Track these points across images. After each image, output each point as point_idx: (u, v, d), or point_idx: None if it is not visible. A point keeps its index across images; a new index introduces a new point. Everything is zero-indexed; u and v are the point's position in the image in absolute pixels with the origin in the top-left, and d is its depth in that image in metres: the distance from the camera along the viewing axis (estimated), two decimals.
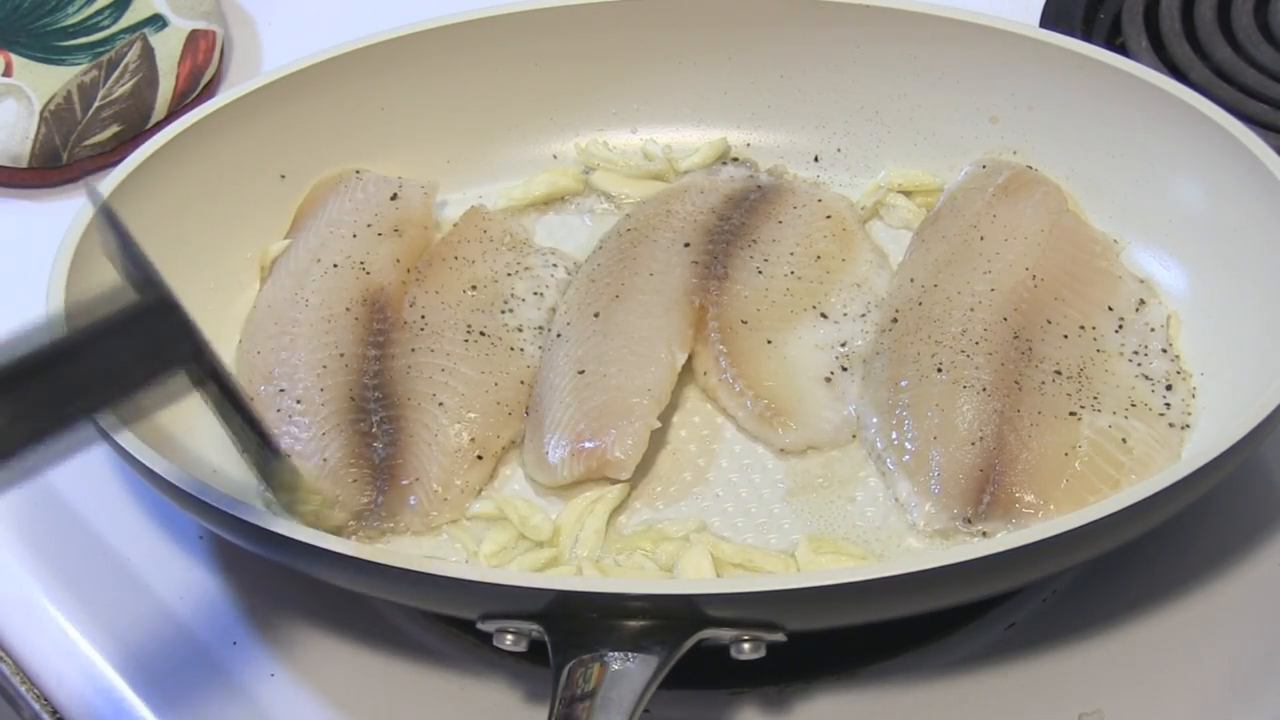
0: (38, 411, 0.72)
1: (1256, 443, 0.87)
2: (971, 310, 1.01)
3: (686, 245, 1.07)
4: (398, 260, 1.07)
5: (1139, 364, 1.00)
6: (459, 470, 0.97)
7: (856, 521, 0.96)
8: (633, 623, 0.82)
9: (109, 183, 1.02)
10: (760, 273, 1.05)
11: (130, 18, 1.26)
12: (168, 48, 1.24)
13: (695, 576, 0.91)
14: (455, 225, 1.10)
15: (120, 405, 0.79)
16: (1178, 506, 0.88)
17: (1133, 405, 0.98)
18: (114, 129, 1.21)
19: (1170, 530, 0.95)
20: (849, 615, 0.86)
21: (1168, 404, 0.98)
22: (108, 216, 0.84)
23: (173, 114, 1.22)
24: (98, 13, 1.26)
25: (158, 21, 1.26)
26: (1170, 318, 1.02)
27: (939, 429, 0.96)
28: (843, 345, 1.03)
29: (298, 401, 0.99)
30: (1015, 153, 1.11)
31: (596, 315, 1.03)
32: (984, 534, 0.93)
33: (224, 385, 0.81)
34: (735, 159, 1.15)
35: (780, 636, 0.83)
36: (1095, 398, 0.97)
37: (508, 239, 1.10)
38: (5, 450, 0.72)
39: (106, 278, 0.99)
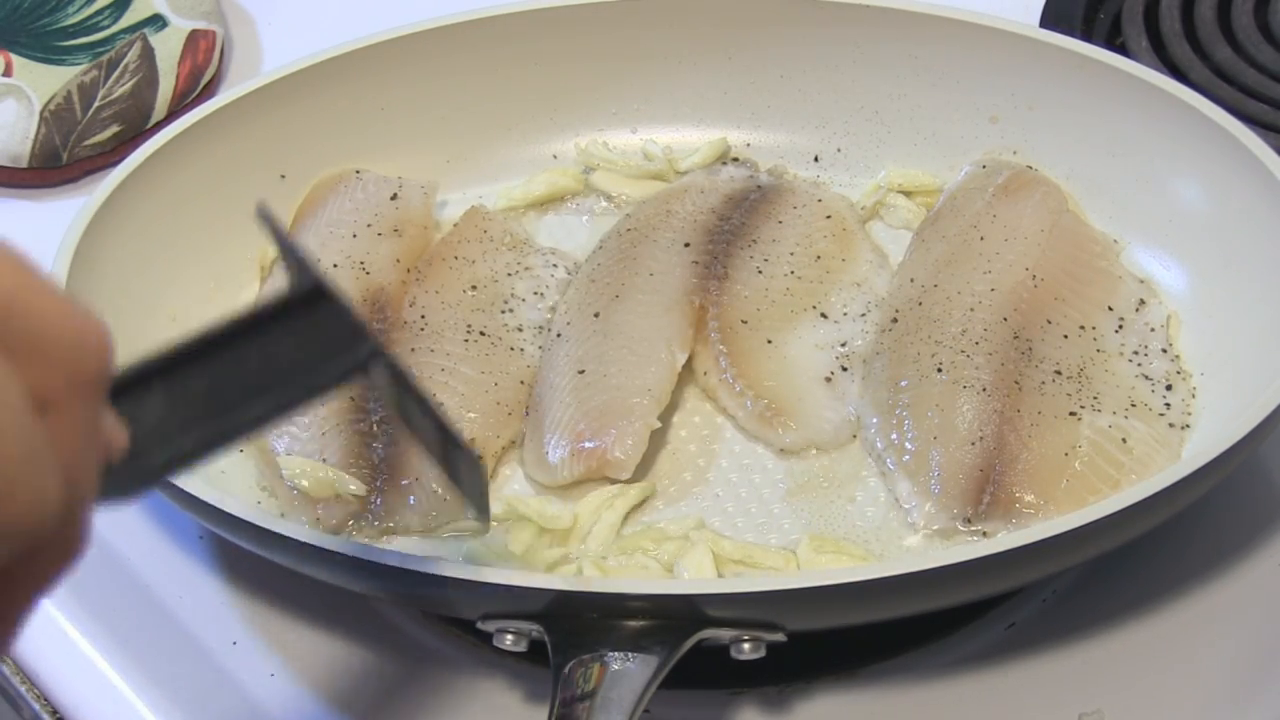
0: (199, 418, 0.63)
1: (1256, 443, 0.87)
2: (971, 310, 1.01)
3: (686, 245, 1.07)
4: (398, 260, 1.07)
5: (1139, 364, 1.00)
6: None
7: (856, 521, 0.96)
8: (633, 623, 0.82)
9: (109, 182, 1.02)
10: (760, 273, 1.05)
11: (130, 18, 1.26)
12: (168, 48, 1.24)
13: (698, 576, 0.91)
14: (455, 225, 1.10)
15: (295, 412, 0.68)
16: (1178, 506, 0.88)
17: (1133, 405, 0.98)
18: (114, 129, 1.21)
19: (1170, 530, 0.95)
20: (849, 615, 0.86)
21: (1168, 404, 0.98)
22: (266, 218, 0.75)
23: (173, 114, 1.22)
24: (98, 13, 1.26)
25: (158, 21, 1.26)
26: (1170, 318, 1.02)
27: (939, 429, 0.96)
28: (843, 345, 1.03)
29: None
30: (1015, 153, 1.11)
31: (596, 315, 1.03)
32: (984, 534, 0.93)
33: (407, 385, 0.74)
34: (735, 159, 1.15)
35: (780, 636, 0.83)
36: (1095, 398, 0.97)
37: (508, 239, 1.10)
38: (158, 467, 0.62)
39: (107, 279, 0.99)
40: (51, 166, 1.21)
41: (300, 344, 0.67)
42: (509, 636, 0.83)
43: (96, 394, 0.55)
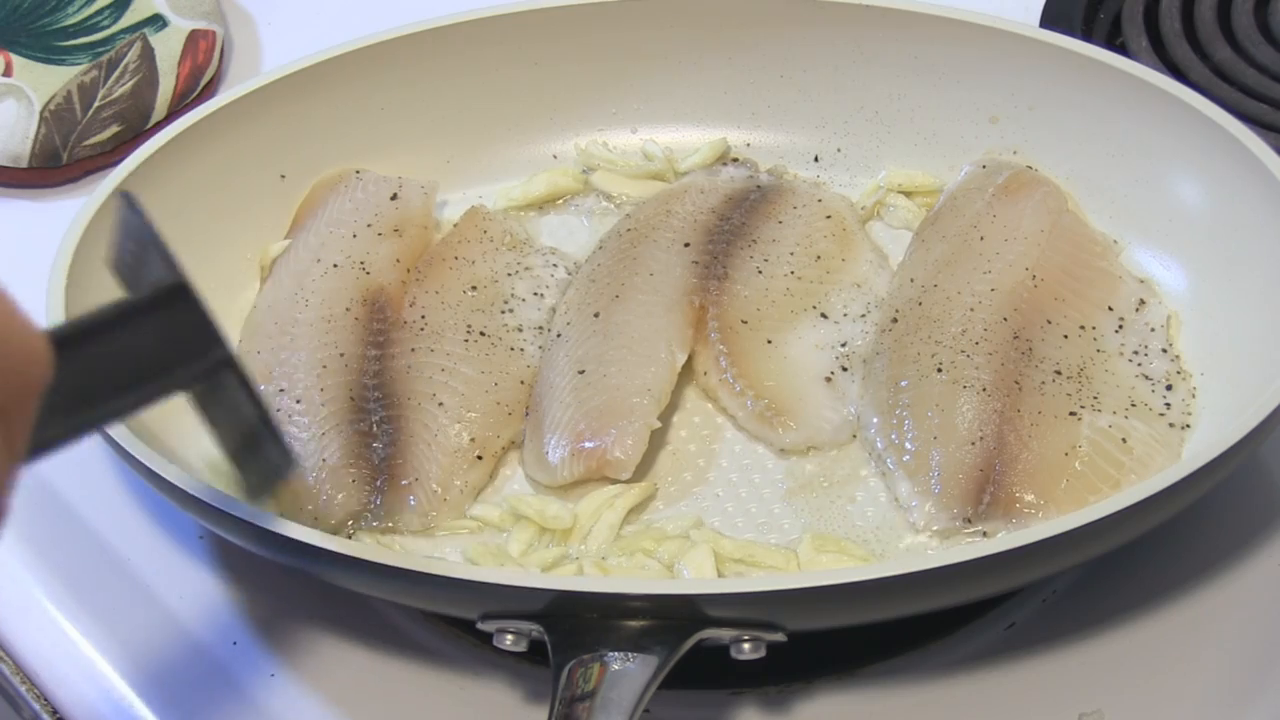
0: (49, 417, 0.65)
1: (1256, 443, 0.87)
2: (971, 310, 1.01)
3: (686, 245, 1.07)
4: (398, 260, 1.07)
5: (1139, 364, 1.00)
6: (459, 470, 0.97)
7: (856, 521, 0.96)
8: (633, 623, 0.82)
9: (109, 182, 1.02)
10: (760, 273, 1.05)
11: (130, 18, 1.26)
12: (168, 48, 1.24)
13: (699, 575, 0.91)
14: (455, 225, 1.10)
15: (140, 410, 0.71)
16: (1178, 506, 0.88)
17: (1133, 405, 0.98)
18: (114, 129, 1.21)
19: (1170, 530, 0.95)
20: (849, 615, 0.86)
21: (1168, 404, 0.98)
22: (128, 205, 0.78)
23: (173, 114, 1.22)
24: (98, 13, 1.26)
25: (158, 21, 1.26)
26: (1170, 318, 1.02)
27: (939, 429, 0.96)
28: (843, 345, 1.03)
29: (297, 401, 0.99)
30: (1015, 153, 1.11)
31: (596, 315, 1.03)
32: (984, 534, 0.93)
33: (243, 378, 0.76)
34: (735, 159, 1.15)
35: (780, 636, 0.83)
36: (1095, 398, 0.97)
37: (508, 239, 1.10)
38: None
39: (107, 279, 0.99)
40: (51, 166, 1.21)
41: (160, 342, 0.71)
42: (509, 636, 0.84)
43: (37, 400, 0.60)
